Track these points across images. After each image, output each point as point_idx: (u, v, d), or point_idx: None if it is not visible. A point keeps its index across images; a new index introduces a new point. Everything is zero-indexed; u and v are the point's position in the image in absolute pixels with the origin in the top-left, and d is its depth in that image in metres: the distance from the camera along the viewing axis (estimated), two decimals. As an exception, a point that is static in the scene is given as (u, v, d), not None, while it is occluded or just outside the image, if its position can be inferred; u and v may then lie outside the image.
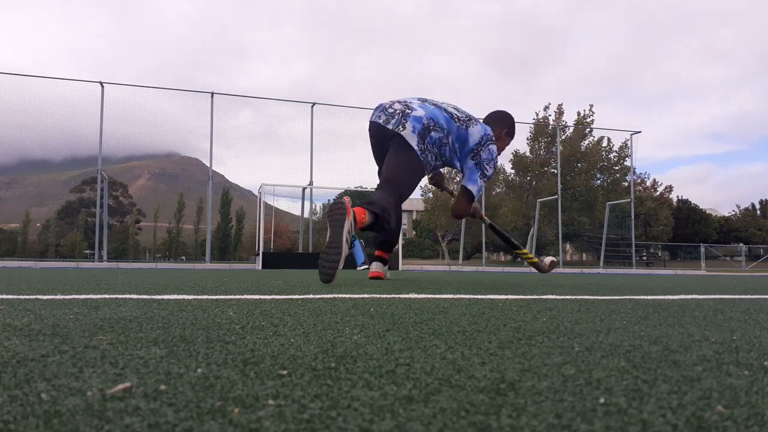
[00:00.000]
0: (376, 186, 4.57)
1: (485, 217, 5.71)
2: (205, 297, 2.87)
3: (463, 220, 21.38)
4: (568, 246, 41.36)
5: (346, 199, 11.52)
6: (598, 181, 32.66)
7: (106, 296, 2.84)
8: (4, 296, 2.78)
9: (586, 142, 32.51)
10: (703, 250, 29.88)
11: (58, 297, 2.76)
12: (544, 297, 3.27)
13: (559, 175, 23.01)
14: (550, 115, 33.08)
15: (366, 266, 12.57)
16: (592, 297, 3.39)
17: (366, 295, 3.15)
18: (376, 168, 4.83)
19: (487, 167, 4.46)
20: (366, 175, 24.49)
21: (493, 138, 4.52)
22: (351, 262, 12.92)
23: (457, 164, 4.53)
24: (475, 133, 4.40)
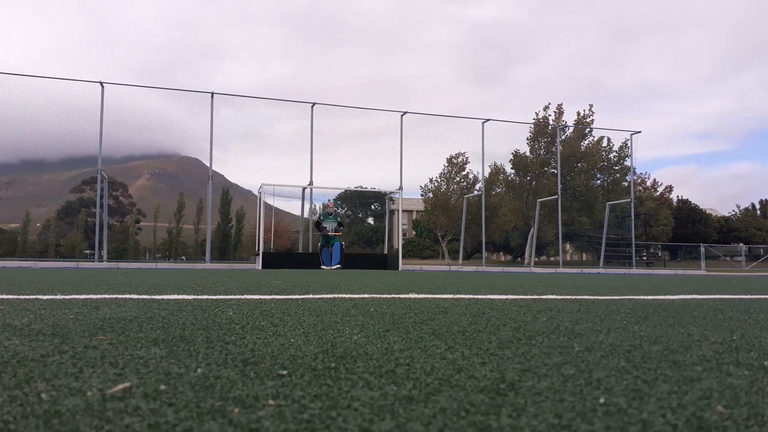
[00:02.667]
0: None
1: None
2: (205, 297, 2.87)
3: (463, 221, 21.41)
4: (568, 246, 41.32)
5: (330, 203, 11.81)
6: (598, 181, 32.62)
7: (106, 296, 2.84)
8: (4, 296, 2.78)
9: (586, 142, 32.50)
10: (703, 250, 29.86)
11: (58, 297, 2.75)
12: (544, 297, 3.28)
13: (559, 175, 22.97)
14: (550, 115, 33.09)
15: (338, 266, 13.08)
16: (592, 297, 3.39)
17: (366, 295, 3.15)
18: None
19: None
20: (366, 175, 24.52)
21: None
22: (326, 260, 13.38)
23: None
24: None
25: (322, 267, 13.31)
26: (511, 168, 32.18)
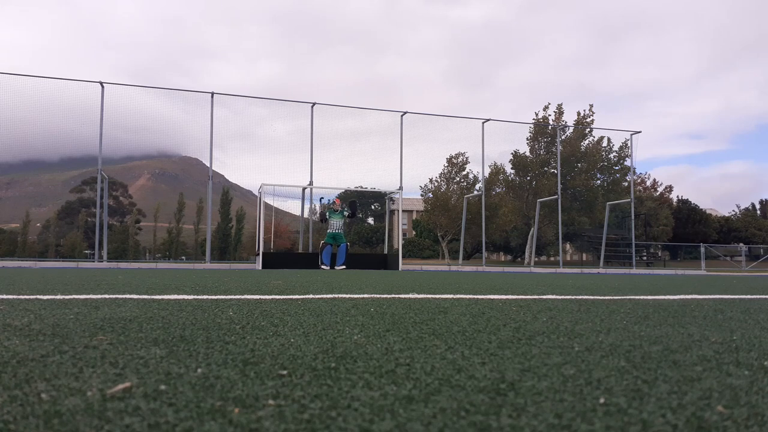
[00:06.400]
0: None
1: None
2: (205, 297, 2.88)
3: (463, 221, 21.40)
4: (568, 246, 41.29)
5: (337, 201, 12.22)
6: (598, 181, 32.62)
7: (106, 296, 2.84)
8: (4, 296, 2.78)
9: (586, 142, 32.51)
10: (703, 250, 29.84)
11: (58, 297, 2.75)
12: (544, 297, 3.28)
13: (559, 175, 22.97)
14: (549, 115, 33.09)
15: (344, 267, 13.11)
16: (592, 297, 3.39)
17: (366, 295, 3.15)
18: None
19: None
20: (366, 175, 24.52)
21: None
22: (326, 260, 13.41)
23: None
24: None
25: (322, 267, 13.13)
26: (511, 168, 32.19)
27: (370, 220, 61.96)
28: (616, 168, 32.95)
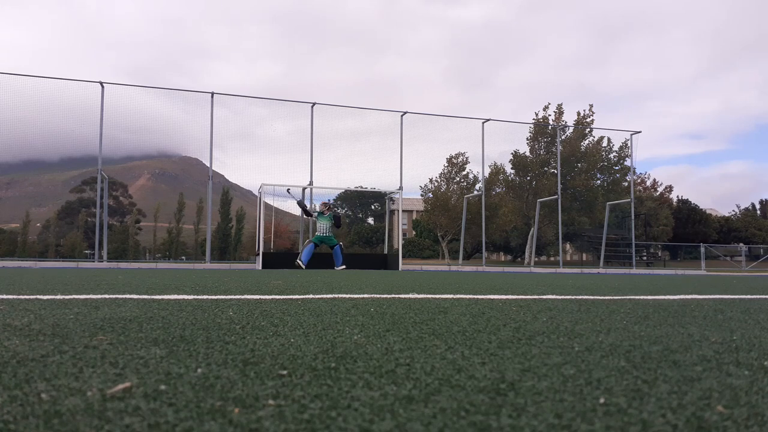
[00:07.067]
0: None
1: None
2: (205, 297, 2.88)
3: (463, 221, 21.39)
4: (568, 246, 41.29)
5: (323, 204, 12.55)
6: (598, 181, 32.63)
7: (106, 296, 2.84)
8: (4, 296, 2.78)
9: (586, 142, 32.51)
10: (703, 250, 29.84)
11: (58, 297, 2.76)
12: (544, 297, 3.28)
13: (559, 175, 22.97)
14: (549, 115, 33.10)
15: (344, 267, 13.19)
16: (592, 297, 3.39)
17: (366, 295, 3.15)
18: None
19: None
20: (366, 175, 24.53)
21: None
22: (331, 263, 13.55)
23: None
24: None
25: (299, 261, 13.07)
26: (511, 168, 32.18)
27: (370, 220, 62.01)
28: (616, 168, 32.95)
